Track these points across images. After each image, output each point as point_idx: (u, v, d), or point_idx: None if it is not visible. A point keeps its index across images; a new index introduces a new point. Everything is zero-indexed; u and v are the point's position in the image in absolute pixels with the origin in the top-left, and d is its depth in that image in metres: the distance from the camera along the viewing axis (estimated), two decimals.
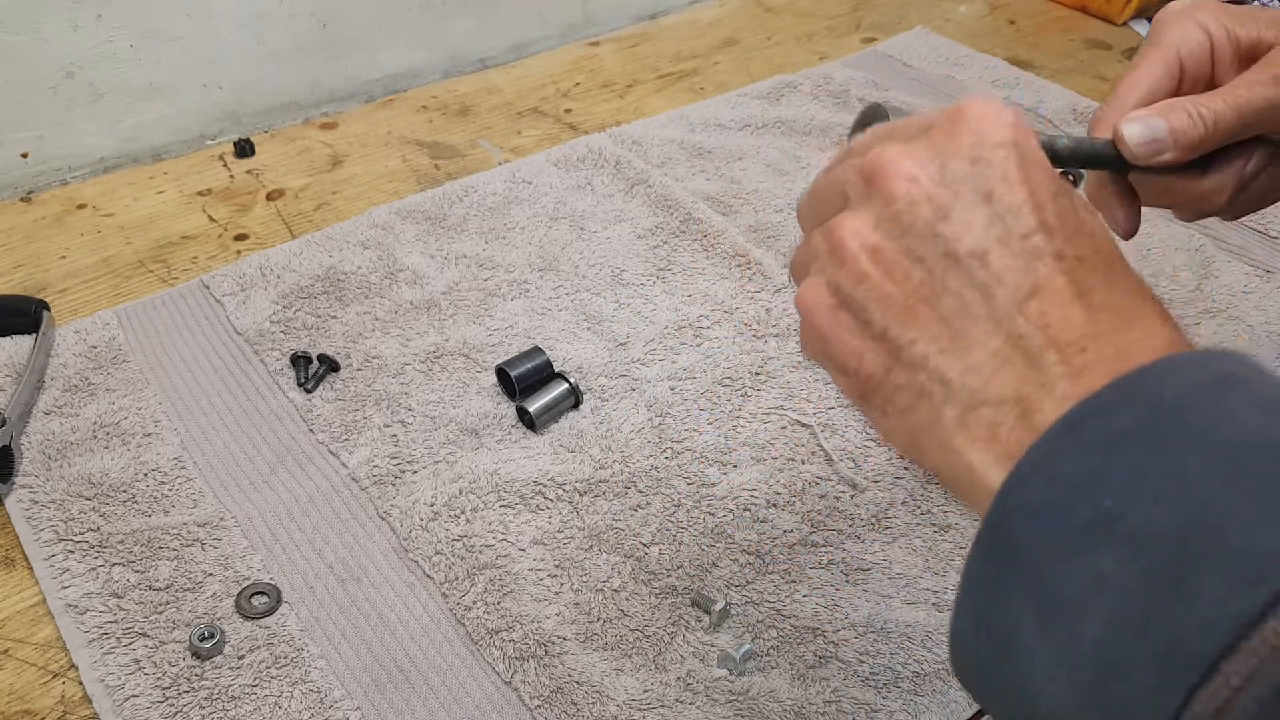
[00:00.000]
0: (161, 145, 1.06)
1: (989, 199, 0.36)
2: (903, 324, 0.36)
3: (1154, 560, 0.28)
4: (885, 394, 0.37)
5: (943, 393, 0.35)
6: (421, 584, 0.65)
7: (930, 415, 0.36)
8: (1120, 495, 0.29)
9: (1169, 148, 0.48)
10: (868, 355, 0.37)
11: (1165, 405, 0.30)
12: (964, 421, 0.35)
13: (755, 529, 0.69)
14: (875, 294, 0.37)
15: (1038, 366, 0.34)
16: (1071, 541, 0.30)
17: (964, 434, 0.35)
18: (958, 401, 0.35)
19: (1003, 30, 1.32)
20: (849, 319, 0.38)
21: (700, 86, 1.18)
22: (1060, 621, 0.29)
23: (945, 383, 0.35)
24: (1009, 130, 0.37)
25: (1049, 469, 0.31)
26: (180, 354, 0.81)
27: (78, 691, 0.59)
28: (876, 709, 0.59)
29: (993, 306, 0.35)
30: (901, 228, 0.37)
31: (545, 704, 0.59)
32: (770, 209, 0.97)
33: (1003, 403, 0.34)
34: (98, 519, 0.68)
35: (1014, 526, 0.31)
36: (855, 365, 0.38)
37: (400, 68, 1.17)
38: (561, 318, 0.84)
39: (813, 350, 0.40)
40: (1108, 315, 0.34)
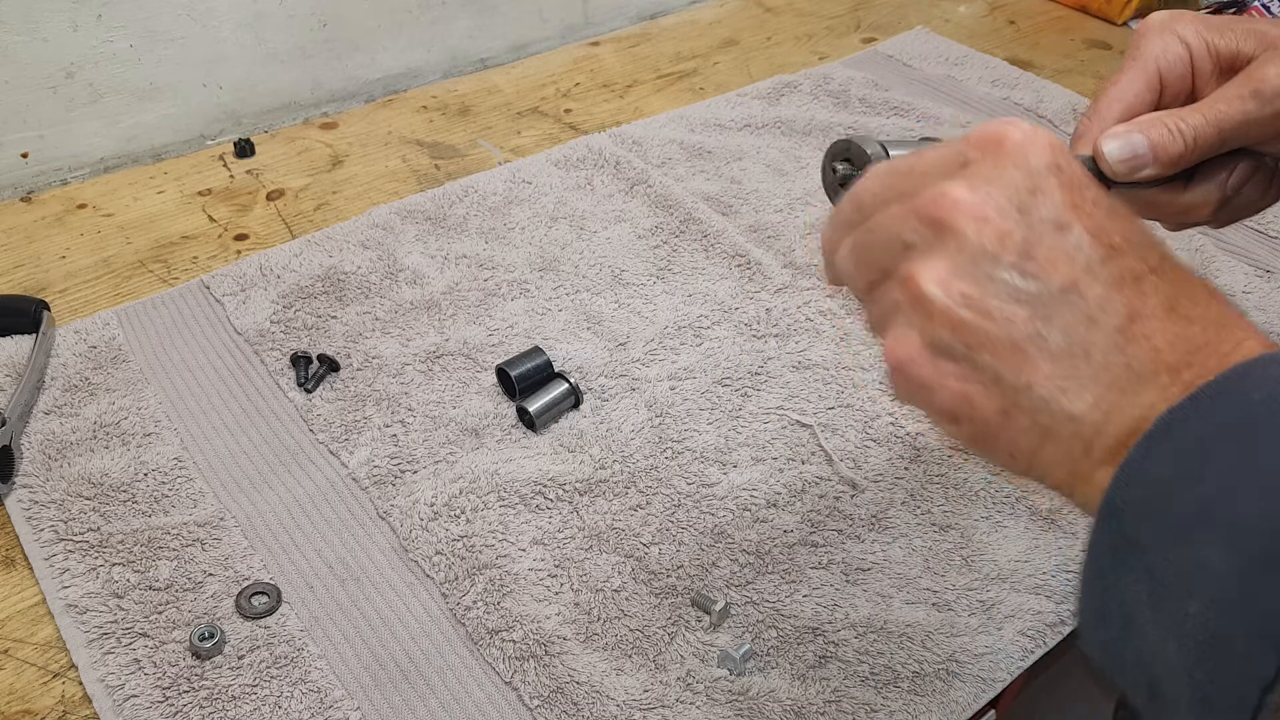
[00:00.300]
0: (161, 145, 1.06)
1: (1060, 229, 0.36)
2: (1015, 369, 0.36)
3: (1249, 544, 0.30)
4: (1007, 438, 0.37)
5: (1070, 429, 0.36)
6: (421, 584, 0.65)
7: (1059, 452, 0.36)
8: (1219, 488, 0.31)
9: (1149, 163, 0.48)
10: (981, 402, 0.37)
11: (1254, 404, 0.32)
12: (1090, 450, 0.36)
13: (755, 529, 0.69)
14: (978, 339, 0.37)
15: (1152, 388, 0.35)
16: (1175, 530, 0.32)
17: (1090, 460, 0.36)
18: (1084, 436, 0.36)
19: (1003, 30, 1.32)
20: (952, 367, 0.37)
21: (700, 86, 1.18)
22: (1170, 600, 0.32)
23: (1071, 419, 0.36)
24: (1050, 152, 0.37)
25: (1150, 468, 0.33)
26: (180, 354, 0.81)
27: (78, 691, 0.59)
28: (876, 709, 0.59)
29: (1100, 339, 0.35)
30: (985, 270, 0.36)
31: (545, 704, 0.59)
32: (770, 209, 0.97)
33: (1124, 427, 0.35)
34: (98, 519, 0.68)
35: (1123, 521, 0.33)
36: (967, 411, 0.38)
37: (400, 68, 1.17)
38: (561, 318, 0.84)
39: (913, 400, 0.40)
40: (1199, 326, 0.36)
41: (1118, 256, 0.36)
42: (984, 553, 0.67)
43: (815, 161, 1.03)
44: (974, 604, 0.64)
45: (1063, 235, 0.36)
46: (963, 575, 0.66)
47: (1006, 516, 0.70)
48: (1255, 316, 0.85)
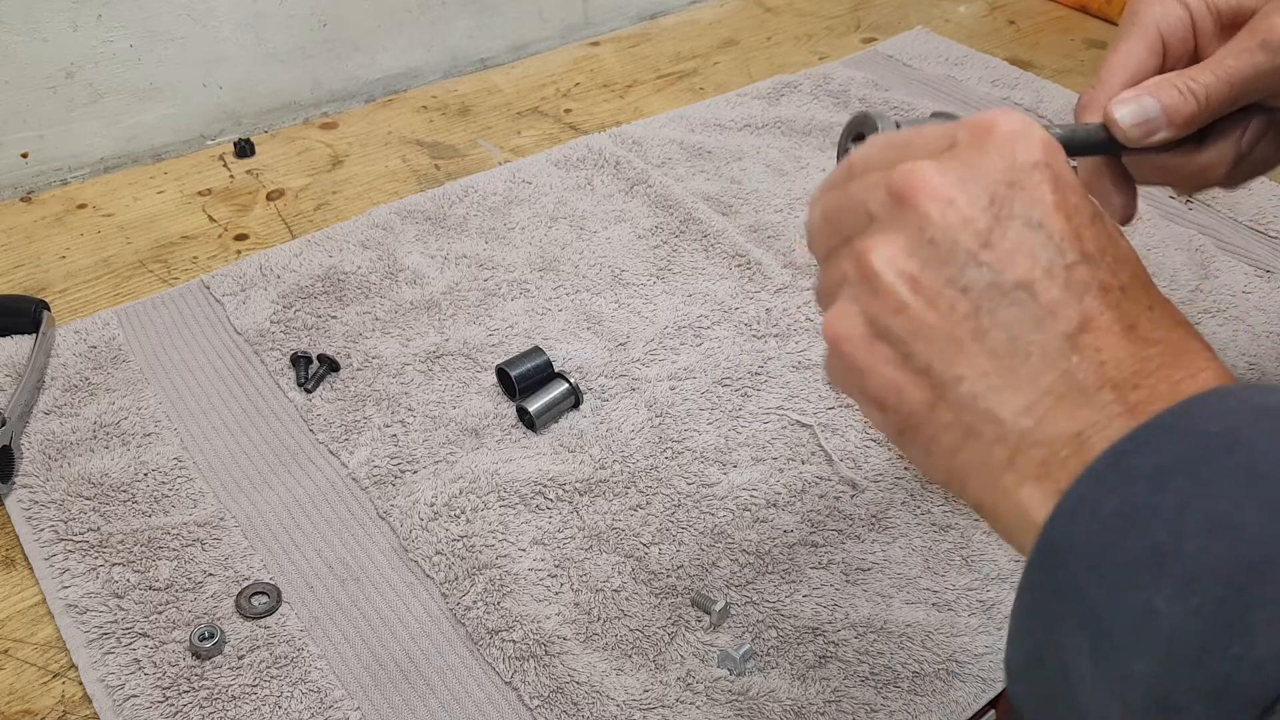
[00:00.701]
0: (161, 145, 1.06)
1: (1029, 225, 0.34)
2: (949, 360, 0.35)
3: (1206, 596, 0.28)
4: (929, 432, 0.36)
5: (994, 432, 0.34)
6: (421, 584, 0.65)
7: (979, 454, 0.34)
8: (1170, 529, 0.29)
9: (1163, 126, 0.46)
10: (908, 390, 0.36)
11: (1210, 438, 0.30)
12: (1014, 461, 0.34)
13: (755, 529, 0.69)
14: (917, 325, 0.35)
15: (1093, 405, 0.33)
16: (1122, 575, 0.29)
17: (1014, 473, 0.34)
18: (1009, 441, 0.34)
19: (1003, 30, 1.32)
20: (887, 351, 0.36)
21: (700, 86, 1.18)
22: (1113, 654, 0.29)
23: (997, 422, 0.34)
24: (1041, 150, 0.36)
25: (1096, 503, 0.31)
26: (180, 354, 0.81)
27: (78, 691, 0.59)
28: (876, 709, 0.59)
29: (1044, 342, 0.34)
30: (941, 254, 0.35)
31: (545, 704, 0.59)
32: (770, 209, 0.97)
33: (1056, 442, 0.33)
34: (98, 519, 0.68)
35: (1064, 560, 0.31)
36: (894, 401, 0.36)
37: (400, 68, 1.17)
38: (561, 318, 0.84)
39: (842, 382, 0.38)
40: (1157, 349, 0.34)
41: (1086, 264, 0.34)
42: (984, 553, 0.67)
43: (815, 161, 1.03)
44: (974, 604, 0.64)
45: (1030, 232, 0.34)
46: (963, 575, 0.66)
47: None
48: (1255, 317, 0.85)
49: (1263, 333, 0.84)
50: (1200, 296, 0.87)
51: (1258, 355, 0.82)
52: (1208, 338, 0.83)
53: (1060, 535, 0.31)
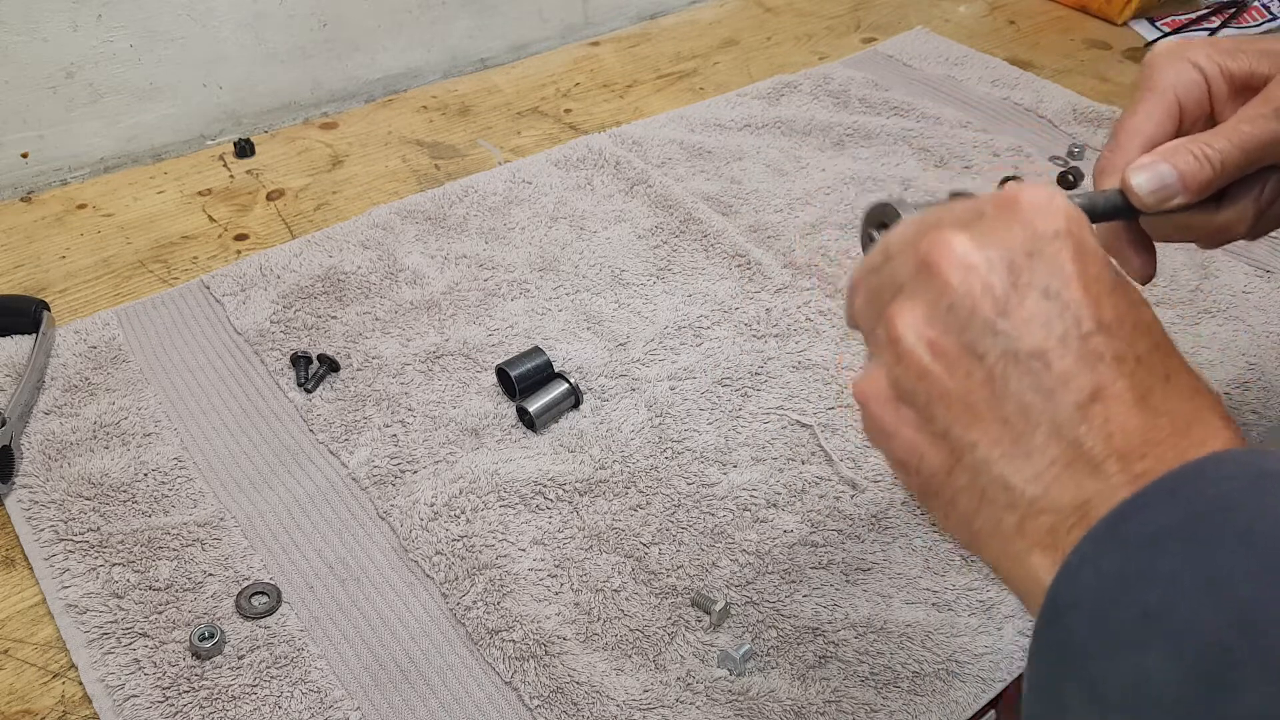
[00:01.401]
0: (161, 145, 1.06)
1: (1047, 295, 0.35)
2: (965, 425, 0.36)
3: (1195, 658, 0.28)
4: (948, 494, 0.37)
5: (1005, 498, 0.35)
6: (421, 584, 0.65)
7: (992, 520, 0.35)
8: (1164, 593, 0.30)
9: (1179, 192, 0.47)
10: (929, 454, 0.37)
11: (1207, 503, 0.31)
12: (1024, 528, 0.35)
13: (755, 529, 0.69)
14: (937, 390, 0.36)
15: (1099, 475, 0.34)
16: (1119, 637, 0.30)
17: (1024, 540, 0.35)
18: (1018, 508, 0.35)
19: (1003, 30, 1.32)
20: (909, 414, 0.37)
21: (700, 86, 1.18)
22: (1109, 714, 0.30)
23: (1008, 488, 0.35)
24: (1063, 220, 0.36)
25: (1094, 565, 0.32)
26: (180, 354, 0.81)
27: (78, 691, 0.59)
28: (876, 709, 0.59)
29: (1055, 411, 0.34)
30: (960, 321, 0.36)
31: (545, 704, 0.59)
32: (770, 209, 0.97)
33: (1063, 510, 0.34)
34: (98, 519, 0.68)
35: (1066, 620, 0.32)
36: (916, 463, 0.37)
37: (400, 68, 1.17)
38: (561, 318, 0.84)
39: (874, 440, 0.40)
40: (1168, 420, 0.34)
41: (1102, 334, 0.35)
42: None
43: (815, 161, 1.03)
44: (974, 604, 0.64)
45: (1046, 301, 0.35)
46: (963, 575, 0.66)
47: None
48: (1255, 317, 0.85)
49: (1263, 333, 0.84)
50: (1200, 296, 0.87)
51: (1258, 355, 0.82)
52: (1207, 338, 0.83)
53: (1063, 595, 0.32)
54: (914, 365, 0.37)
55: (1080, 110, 1.12)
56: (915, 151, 1.05)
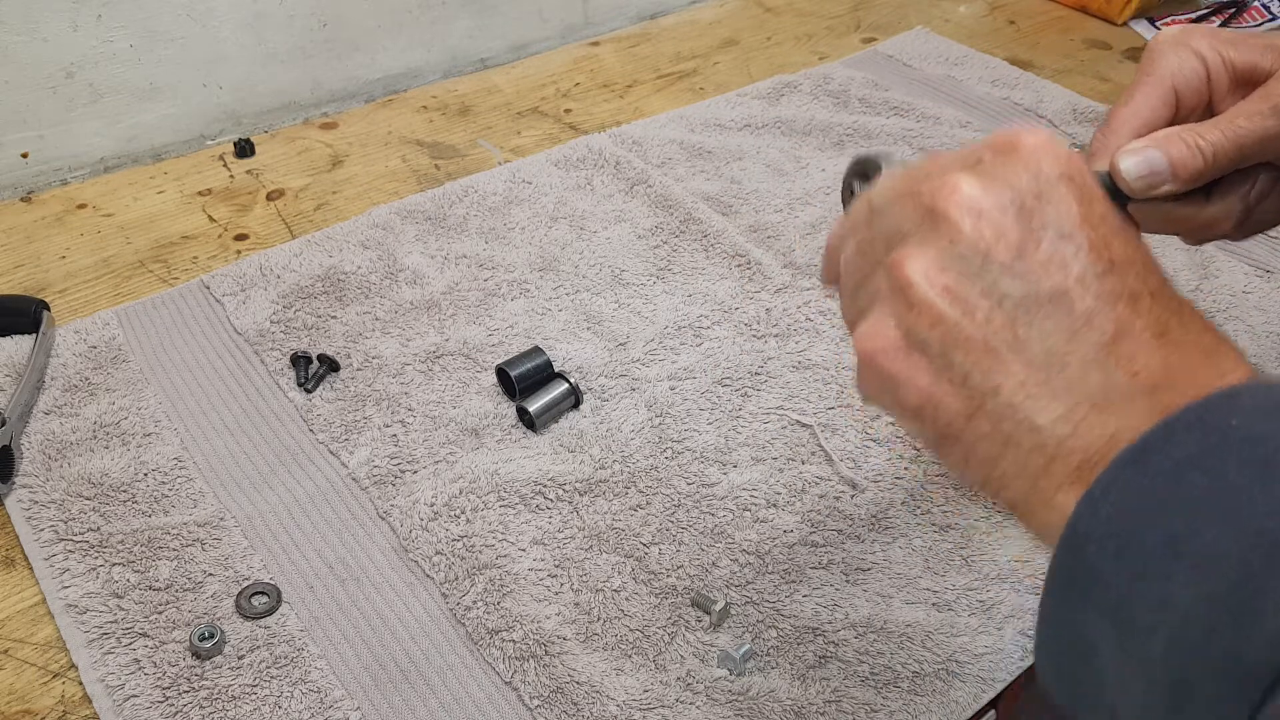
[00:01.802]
0: (161, 145, 1.06)
1: (1060, 236, 0.35)
2: (987, 371, 0.35)
3: (1218, 583, 0.29)
4: (966, 441, 0.36)
5: (1032, 440, 0.35)
6: (421, 584, 0.65)
7: (1017, 462, 0.35)
8: (1188, 521, 0.30)
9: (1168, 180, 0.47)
10: (945, 401, 0.36)
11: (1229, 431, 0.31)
12: (1051, 468, 0.34)
13: (755, 529, 0.69)
14: (954, 337, 0.36)
15: (1127, 410, 0.34)
16: (1142, 565, 0.31)
17: (1050, 479, 0.34)
18: (1047, 449, 0.34)
19: (1003, 30, 1.32)
20: (923, 362, 0.36)
21: (700, 86, 1.18)
22: (1133, 639, 0.31)
23: (1035, 430, 0.35)
24: (1065, 163, 0.36)
25: (1119, 495, 0.32)
26: (180, 354, 0.81)
27: (78, 691, 0.59)
28: (876, 709, 0.59)
29: (1081, 351, 0.34)
30: (975, 266, 0.35)
31: (545, 704, 0.59)
32: (770, 209, 0.97)
33: (1091, 447, 0.34)
34: (98, 519, 0.68)
35: (1087, 549, 0.32)
36: (931, 412, 0.37)
37: (400, 68, 1.17)
38: (561, 318, 0.84)
39: (876, 395, 0.39)
40: (1188, 353, 0.35)
41: (1116, 273, 0.35)
42: (984, 553, 0.67)
43: (815, 161, 1.03)
44: (974, 604, 0.64)
45: (1061, 243, 0.35)
46: (963, 575, 0.66)
47: (1006, 516, 0.70)
48: (1255, 317, 0.85)
49: (1263, 333, 0.84)
50: (1200, 296, 0.87)
51: (1258, 355, 0.82)
52: None
53: (1085, 525, 0.32)
54: (928, 312, 0.36)
55: (1080, 110, 1.12)
56: (915, 151, 1.05)
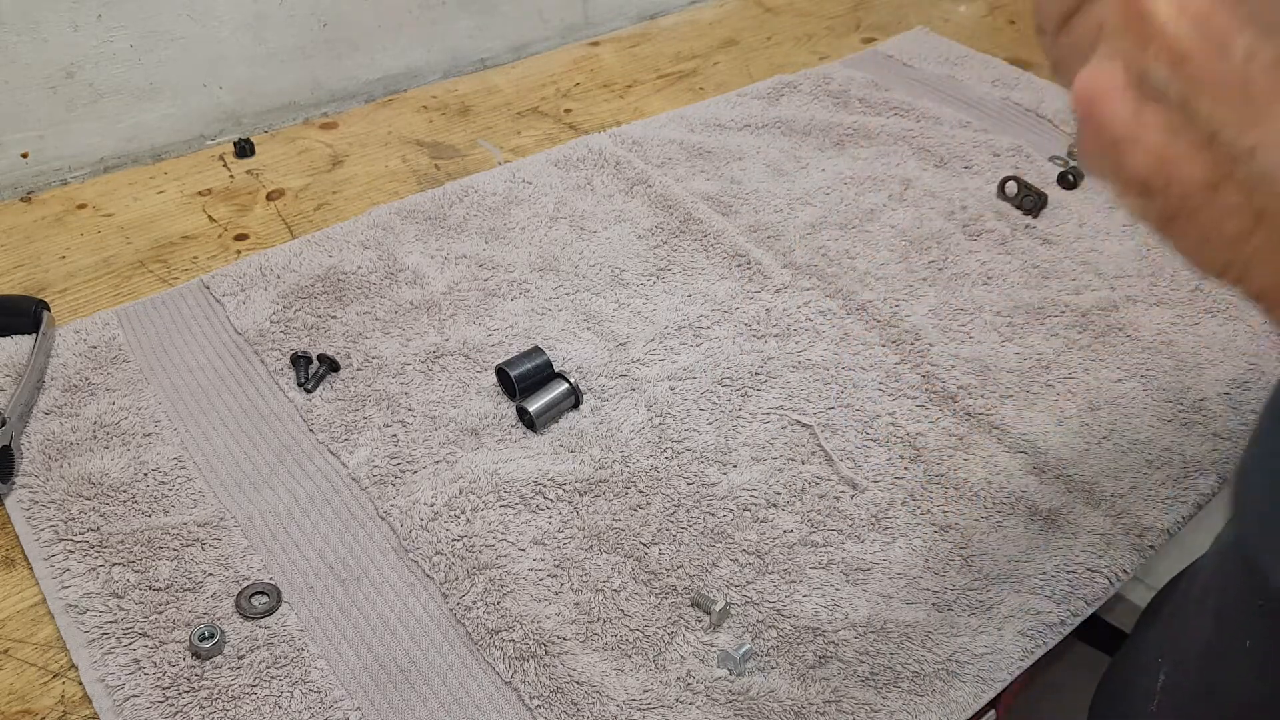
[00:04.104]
0: (161, 145, 1.06)
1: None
2: (1241, 125, 0.27)
3: None
4: (1208, 218, 0.29)
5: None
6: (421, 584, 0.65)
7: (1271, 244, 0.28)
8: None
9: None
10: (1184, 166, 0.29)
11: None
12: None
13: (755, 529, 0.69)
14: (1202, 79, 0.27)
15: None
16: None
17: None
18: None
19: (1003, 30, 1.32)
20: (1159, 115, 0.29)
21: (700, 86, 1.18)
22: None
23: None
24: None
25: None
26: (180, 354, 0.81)
27: (78, 691, 0.59)
28: (876, 709, 0.59)
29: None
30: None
31: (545, 704, 0.59)
32: (770, 209, 0.97)
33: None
34: (98, 519, 0.68)
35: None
36: (1163, 181, 0.29)
37: (400, 68, 1.17)
38: (561, 318, 0.84)
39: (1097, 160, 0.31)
40: None
41: None
42: (984, 553, 0.67)
43: (815, 161, 1.03)
44: (974, 604, 0.64)
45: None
46: (963, 575, 0.66)
47: (1006, 516, 0.70)
48: (1255, 316, 0.85)
49: (1263, 332, 0.84)
50: (1200, 296, 0.87)
51: (1258, 355, 0.82)
52: (1208, 338, 0.83)
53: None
54: (1172, 47, 0.28)
55: None
56: (915, 151, 1.05)
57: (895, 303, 0.86)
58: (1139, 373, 0.80)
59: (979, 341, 0.82)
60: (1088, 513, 0.69)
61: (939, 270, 0.90)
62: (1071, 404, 0.77)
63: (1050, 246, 0.92)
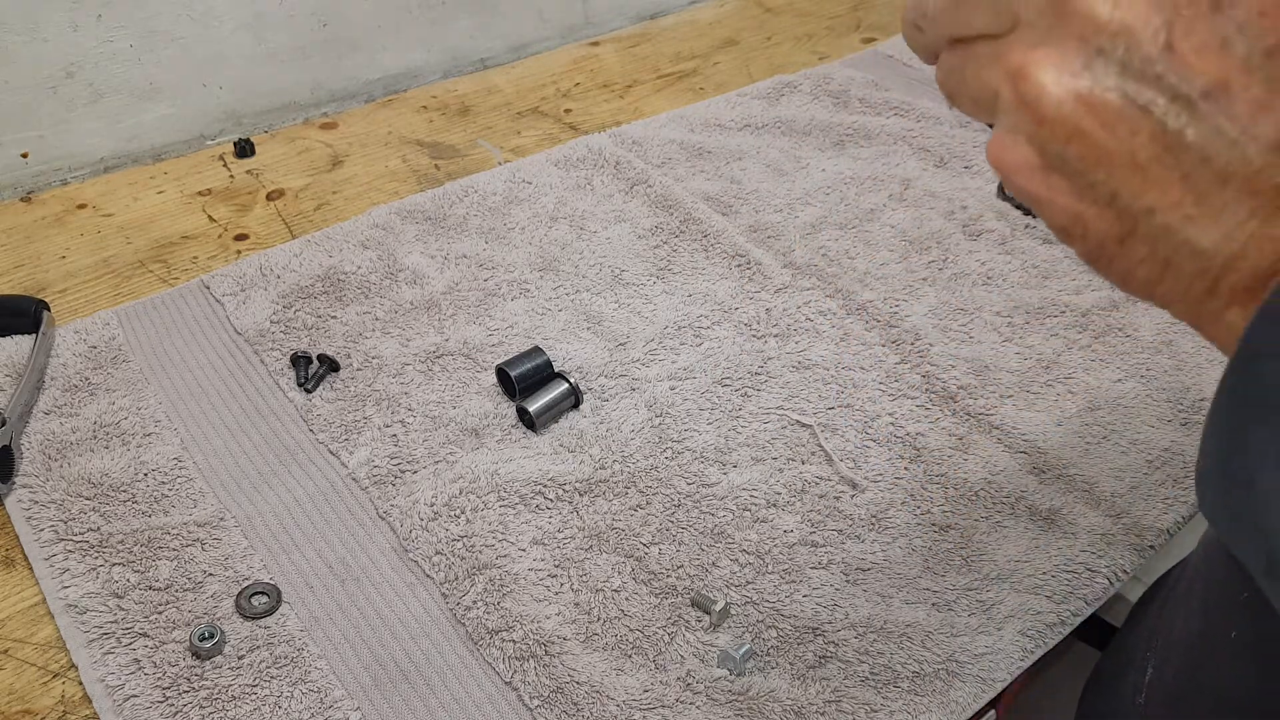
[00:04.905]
0: (162, 145, 1.06)
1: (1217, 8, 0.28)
2: (1136, 190, 0.30)
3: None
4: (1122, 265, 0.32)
5: (1194, 264, 0.30)
6: (421, 584, 0.65)
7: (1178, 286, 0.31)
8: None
9: None
10: (1094, 223, 0.31)
11: None
12: (1217, 289, 0.30)
13: (755, 529, 0.69)
14: (1096, 153, 0.30)
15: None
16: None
17: (1218, 299, 0.30)
18: (1211, 272, 0.30)
19: None
20: (1064, 183, 0.31)
21: (700, 86, 1.18)
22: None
23: (1197, 254, 0.30)
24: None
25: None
26: (180, 354, 0.81)
27: (78, 691, 0.59)
28: (876, 709, 0.59)
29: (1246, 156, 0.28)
30: (1115, 65, 0.29)
31: (545, 704, 0.59)
32: (770, 209, 0.97)
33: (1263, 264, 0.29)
34: (98, 519, 0.68)
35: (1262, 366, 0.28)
36: (1080, 232, 0.32)
37: (400, 68, 1.17)
38: (561, 318, 0.84)
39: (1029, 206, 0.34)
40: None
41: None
42: (984, 553, 0.67)
43: (815, 162, 1.03)
44: (974, 604, 0.64)
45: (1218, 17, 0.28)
46: (963, 575, 0.66)
47: (1006, 516, 0.70)
48: None
49: None
50: None
51: None
52: None
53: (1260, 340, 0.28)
54: (1063, 127, 0.30)
55: None
56: (915, 151, 1.05)
57: (895, 303, 0.86)
58: (1139, 373, 0.80)
59: (979, 341, 0.83)
60: (1087, 513, 0.69)
61: (939, 270, 0.90)
62: (1071, 404, 0.77)
63: (1050, 246, 0.92)
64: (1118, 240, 0.31)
